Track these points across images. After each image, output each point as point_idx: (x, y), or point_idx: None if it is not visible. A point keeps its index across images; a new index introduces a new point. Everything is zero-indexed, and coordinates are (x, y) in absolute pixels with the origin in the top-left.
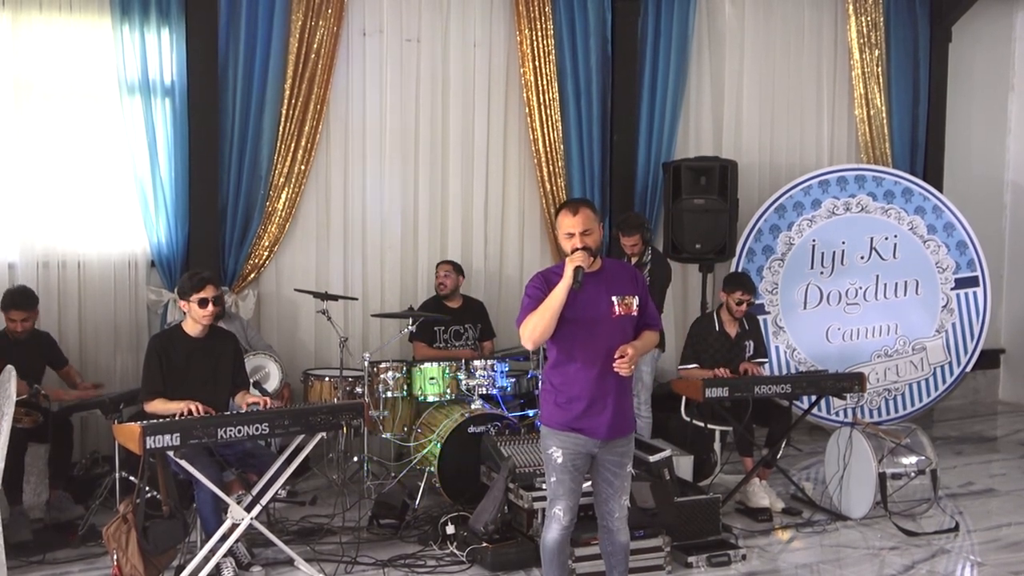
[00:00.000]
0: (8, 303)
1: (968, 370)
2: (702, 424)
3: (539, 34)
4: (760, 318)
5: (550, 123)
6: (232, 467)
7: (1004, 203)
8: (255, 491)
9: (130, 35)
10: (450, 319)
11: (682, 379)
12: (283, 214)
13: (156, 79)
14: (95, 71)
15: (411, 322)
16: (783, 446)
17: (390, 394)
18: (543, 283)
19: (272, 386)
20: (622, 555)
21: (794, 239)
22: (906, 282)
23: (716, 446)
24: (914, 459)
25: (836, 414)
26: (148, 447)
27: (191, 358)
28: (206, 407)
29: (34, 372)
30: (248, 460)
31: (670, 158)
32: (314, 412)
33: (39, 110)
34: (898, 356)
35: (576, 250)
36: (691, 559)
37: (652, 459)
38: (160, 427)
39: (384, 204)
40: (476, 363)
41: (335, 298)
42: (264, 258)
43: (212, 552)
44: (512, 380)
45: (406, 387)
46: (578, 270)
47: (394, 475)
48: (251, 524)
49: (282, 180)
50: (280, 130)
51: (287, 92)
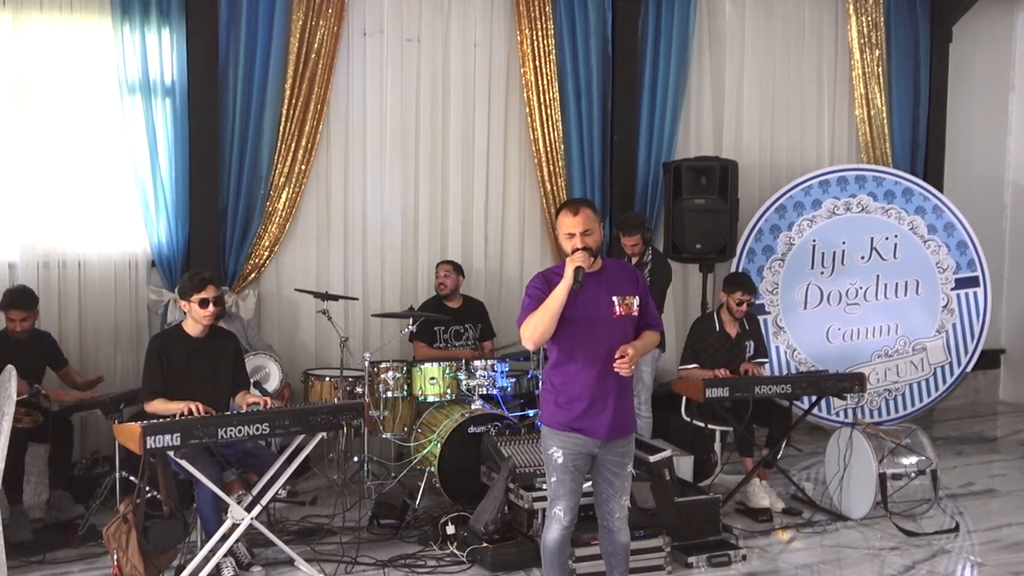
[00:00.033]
0: (8, 303)
1: (968, 370)
2: (702, 424)
3: (539, 34)
4: (760, 318)
5: (550, 123)
6: (232, 467)
7: (1004, 203)
8: (255, 491)
9: (130, 35)
10: (450, 319)
11: (682, 379)
12: (283, 214)
13: (156, 79)
14: (95, 71)
15: (411, 322)
16: (783, 446)
17: (390, 394)
18: (544, 283)
19: (272, 386)
20: (622, 555)
21: (794, 239)
22: (906, 282)
23: (716, 446)
24: (914, 459)
25: (836, 414)
26: (148, 447)
27: (191, 358)
28: (206, 407)
29: (34, 372)
30: (248, 460)
31: (670, 158)
32: (314, 412)
33: (39, 110)
34: (898, 356)
35: (576, 250)
36: (691, 559)
37: (652, 459)
38: (160, 427)
39: (384, 204)
40: (476, 363)
41: (335, 298)
42: (264, 258)
43: (212, 552)
44: (512, 380)
45: (406, 387)
46: (578, 270)
47: (394, 475)
48: (251, 524)
49: (282, 180)
50: (280, 130)
51: (287, 92)
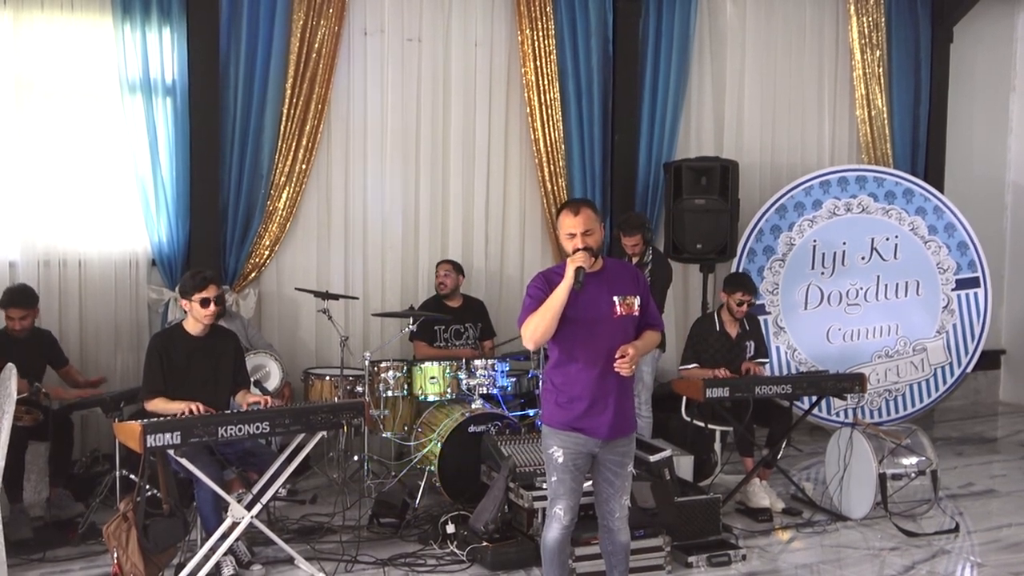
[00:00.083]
0: (7, 301)
1: (969, 371)
2: (702, 424)
3: (540, 34)
4: (761, 318)
5: (551, 123)
6: (232, 465)
7: (1005, 204)
8: (255, 490)
9: (131, 34)
10: (450, 318)
11: (683, 379)
12: (284, 213)
13: (157, 78)
14: (96, 70)
15: (412, 321)
16: (783, 446)
17: (391, 393)
18: (544, 283)
19: (273, 385)
20: (622, 555)
21: (795, 239)
22: (907, 283)
23: (716, 446)
24: (914, 460)
25: (836, 414)
26: (148, 445)
27: (192, 357)
28: (207, 407)
29: (35, 371)
30: (248, 459)
31: (671, 158)
32: (315, 411)
33: (40, 109)
34: (899, 357)
35: (577, 250)
36: (691, 559)
37: (652, 459)
38: (160, 425)
39: (385, 203)
40: (477, 362)
41: (336, 297)
42: (265, 257)
43: (212, 550)
44: (512, 380)
45: (406, 386)
46: (579, 270)
47: (394, 474)
48: (251, 523)
49: (283, 179)
50: (281, 129)
51: (288, 91)
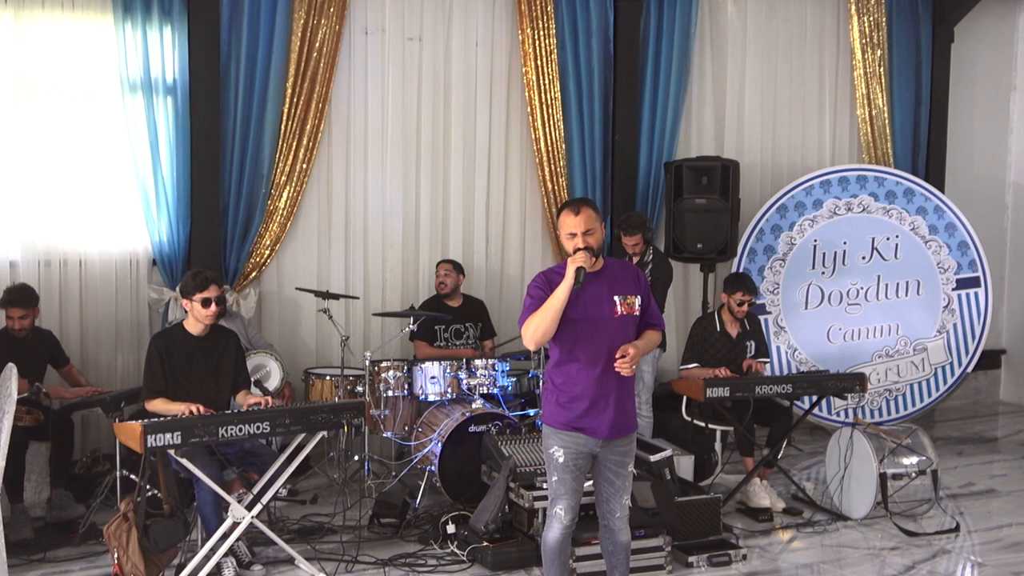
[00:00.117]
0: (7, 301)
1: (969, 371)
2: (703, 424)
3: (541, 33)
4: (761, 318)
5: (552, 122)
6: (233, 466)
7: (1006, 204)
8: (256, 490)
9: (132, 33)
10: (451, 318)
11: (683, 379)
12: (284, 213)
13: (158, 77)
14: (97, 69)
15: (412, 321)
16: (784, 446)
17: (391, 393)
18: (545, 283)
19: (273, 385)
20: (623, 555)
21: (795, 239)
22: (907, 282)
23: (717, 446)
24: (915, 459)
25: (837, 414)
26: (149, 446)
27: (192, 357)
28: (207, 407)
29: (36, 371)
30: (249, 459)
31: (672, 158)
32: (315, 411)
33: (41, 108)
34: (899, 356)
35: (578, 250)
36: (692, 559)
37: (653, 459)
38: (161, 426)
39: (385, 203)
40: (477, 362)
41: (336, 297)
42: (265, 257)
43: (213, 551)
44: (513, 379)
45: (407, 386)
46: (580, 271)
47: (395, 474)
48: (252, 523)
49: (284, 179)
50: (282, 129)
51: (289, 91)
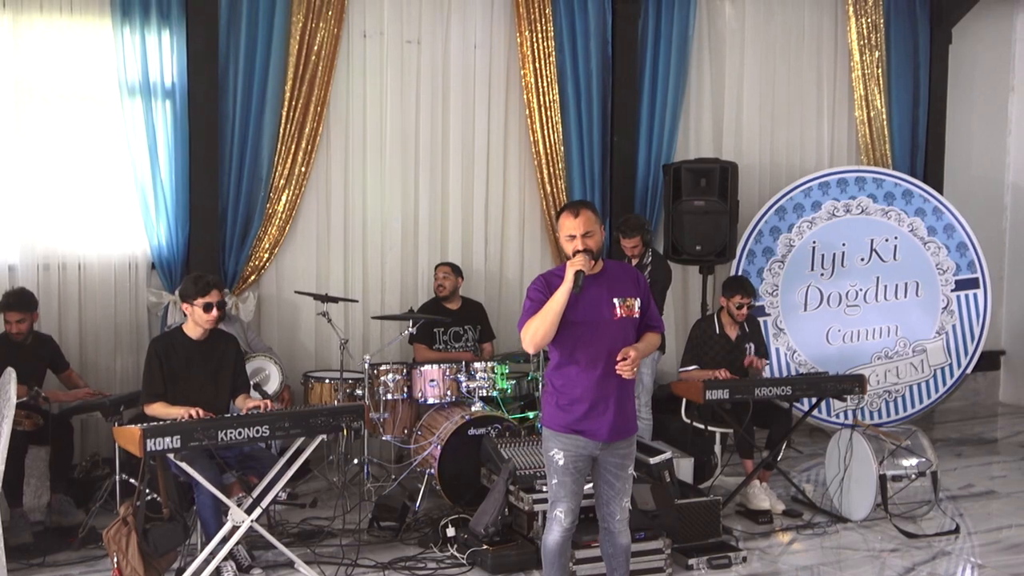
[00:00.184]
0: (5, 304)
1: (968, 372)
2: (702, 426)
3: (539, 36)
4: (760, 320)
5: (550, 125)
6: (232, 469)
7: (1004, 205)
8: (255, 493)
9: (131, 37)
10: (449, 321)
11: (682, 381)
12: (283, 216)
13: (156, 81)
14: (95, 73)
15: (411, 324)
16: (783, 448)
17: (390, 396)
18: (544, 286)
19: (272, 388)
20: (623, 557)
21: (794, 241)
22: (906, 284)
23: (716, 448)
24: (914, 461)
25: (836, 416)
26: (148, 449)
27: (191, 361)
28: (206, 411)
29: (35, 375)
30: (248, 462)
31: (670, 160)
32: (314, 414)
33: (39, 112)
34: (898, 358)
35: (577, 252)
36: (692, 561)
37: (653, 461)
38: (160, 430)
39: (384, 206)
40: (476, 365)
41: (335, 300)
42: (264, 260)
43: (212, 554)
44: (512, 382)
45: (406, 389)
46: (578, 274)
47: (394, 477)
48: (251, 526)
49: (282, 182)
50: (280, 132)
51: (287, 94)
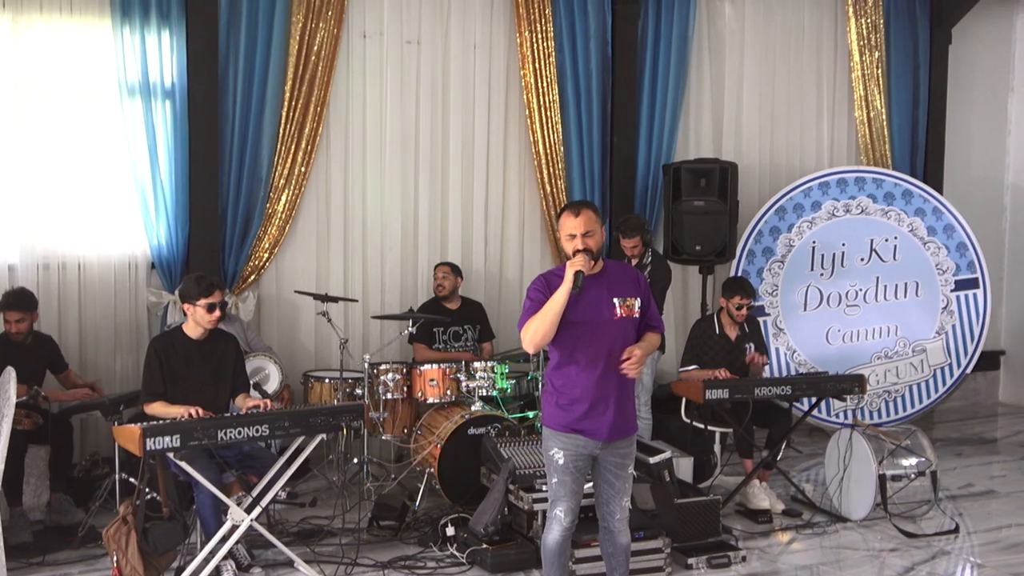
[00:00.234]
0: (4, 304)
1: (968, 372)
2: (702, 426)
3: (539, 36)
4: (760, 320)
5: (550, 125)
6: (232, 469)
7: (1004, 205)
8: (255, 493)
9: (130, 37)
10: (449, 320)
11: (682, 381)
12: (283, 216)
13: (156, 81)
14: (95, 73)
15: (411, 324)
16: (783, 448)
17: (390, 396)
18: (544, 286)
19: (272, 388)
20: (623, 556)
21: (794, 241)
22: (906, 284)
23: (716, 448)
24: (914, 461)
25: (836, 416)
26: (148, 449)
27: (191, 360)
28: (206, 410)
29: (35, 375)
30: (248, 462)
31: (670, 160)
32: (314, 414)
33: (39, 112)
34: (898, 358)
35: (577, 252)
36: (691, 560)
37: (652, 461)
38: (160, 429)
39: (384, 206)
40: (476, 365)
41: (335, 300)
42: (264, 260)
43: (212, 553)
44: (512, 382)
45: (406, 388)
46: (578, 274)
47: (394, 477)
48: (251, 526)
49: (282, 182)
50: (280, 132)
51: (287, 94)
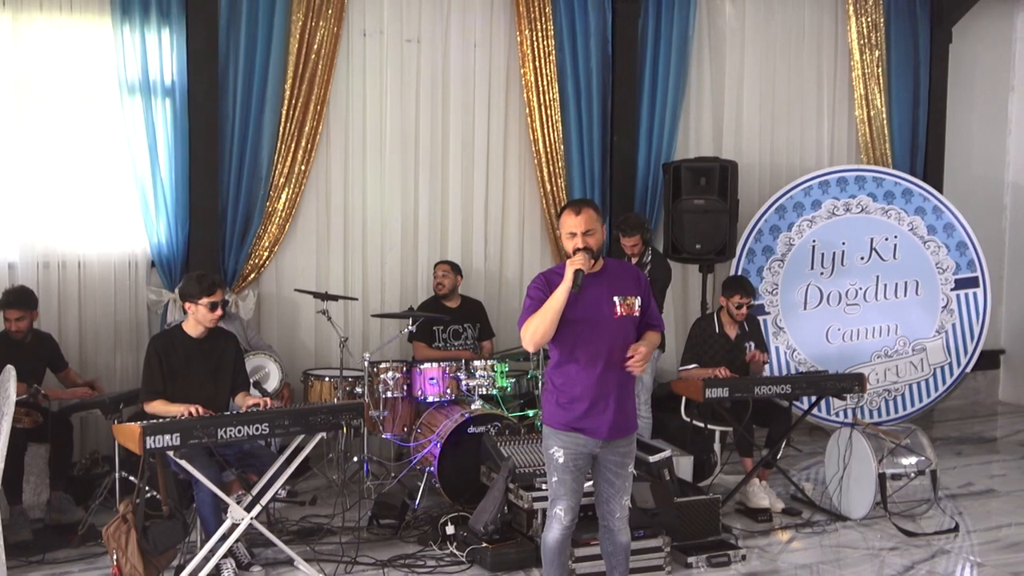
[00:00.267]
0: (4, 302)
1: (968, 371)
2: (702, 424)
3: (539, 35)
4: (760, 319)
5: (550, 123)
6: (232, 467)
7: (1004, 204)
8: (255, 491)
9: (130, 35)
10: (448, 319)
11: (682, 379)
12: (283, 214)
13: (156, 79)
14: (95, 71)
15: (411, 322)
16: (783, 447)
17: (390, 394)
18: (545, 284)
19: (272, 386)
20: (623, 555)
21: (794, 240)
22: (906, 283)
23: (716, 446)
24: (914, 459)
25: (836, 415)
26: (148, 447)
27: (191, 359)
28: (206, 409)
29: (35, 374)
30: (248, 460)
31: (670, 159)
32: (314, 412)
33: (39, 110)
34: (898, 357)
35: (577, 251)
36: (691, 559)
37: (652, 459)
38: (160, 427)
39: (384, 204)
40: (476, 363)
41: (335, 298)
42: (264, 258)
43: (212, 552)
44: (512, 380)
45: (406, 387)
46: (578, 273)
47: (394, 475)
48: (251, 524)
49: (282, 180)
50: (280, 130)
51: (287, 92)
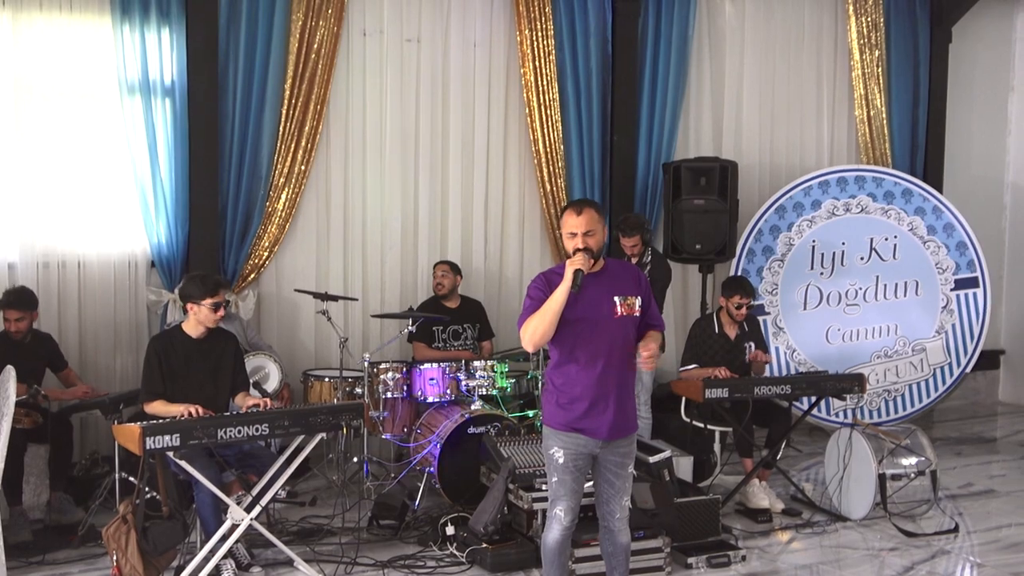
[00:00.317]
0: (4, 303)
1: (968, 371)
2: (702, 425)
3: (539, 34)
4: (760, 319)
5: (550, 123)
6: (232, 468)
7: (1004, 204)
8: (255, 492)
9: (130, 35)
10: (448, 319)
11: (682, 380)
12: (283, 214)
13: (156, 79)
14: (95, 71)
15: (411, 322)
16: (783, 447)
17: (390, 394)
18: (544, 284)
19: (272, 386)
20: (623, 556)
21: (794, 240)
22: (906, 283)
23: (716, 447)
24: (914, 460)
25: (836, 415)
26: (148, 448)
27: (191, 359)
28: (206, 409)
29: (34, 374)
30: (248, 461)
31: (670, 159)
32: (314, 413)
33: (39, 110)
34: (898, 357)
35: (577, 251)
36: (691, 560)
37: (652, 460)
38: (160, 428)
39: (384, 204)
40: (476, 364)
41: (335, 298)
42: (264, 258)
43: (212, 553)
44: (512, 381)
45: (406, 387)
46: (577, 273)
47: (394, 476)
48: (251, 525)
49: (282, 180)
50: (280, 130)
51: (287, 92)
